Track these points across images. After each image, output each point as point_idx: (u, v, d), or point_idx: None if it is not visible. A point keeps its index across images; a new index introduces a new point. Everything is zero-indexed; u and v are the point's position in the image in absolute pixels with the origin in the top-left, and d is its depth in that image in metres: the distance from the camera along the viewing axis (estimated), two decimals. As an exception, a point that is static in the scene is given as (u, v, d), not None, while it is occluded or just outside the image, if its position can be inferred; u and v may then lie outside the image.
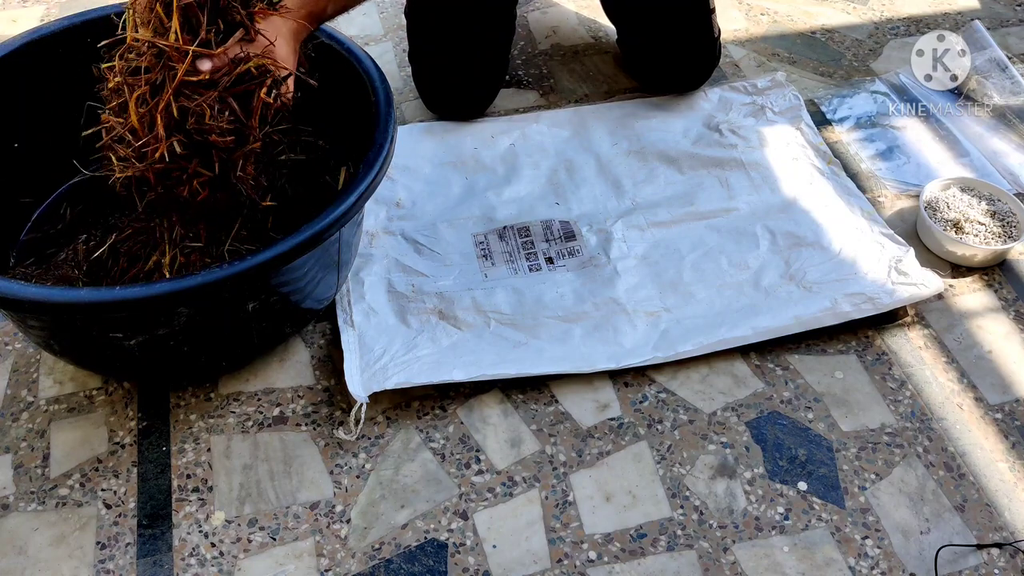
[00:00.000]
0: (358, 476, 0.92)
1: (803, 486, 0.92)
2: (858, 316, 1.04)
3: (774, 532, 0.88)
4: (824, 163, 1.25)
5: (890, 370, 1.02)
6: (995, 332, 1.06)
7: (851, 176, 1.24)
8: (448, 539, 0.87)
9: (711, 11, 1.28)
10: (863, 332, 1.06)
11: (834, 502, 0.91)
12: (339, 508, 0.90)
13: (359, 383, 0.96)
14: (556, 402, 0.99)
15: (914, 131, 1.32)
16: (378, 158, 0.89)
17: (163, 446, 0.94)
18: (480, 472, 0.93)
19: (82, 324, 0.84)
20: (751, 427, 0.97)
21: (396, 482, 0.92)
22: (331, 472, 0.92)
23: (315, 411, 0.98)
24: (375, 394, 0.96)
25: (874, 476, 0.93)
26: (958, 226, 1.13)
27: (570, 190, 1.21)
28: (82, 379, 1.00)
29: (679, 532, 0.88)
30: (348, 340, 1.01)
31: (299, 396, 0.99)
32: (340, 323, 1.03)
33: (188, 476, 0.92)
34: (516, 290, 1.07)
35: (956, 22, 1.54)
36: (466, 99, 1.31)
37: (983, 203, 1.16)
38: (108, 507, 0.90)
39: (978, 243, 1.12)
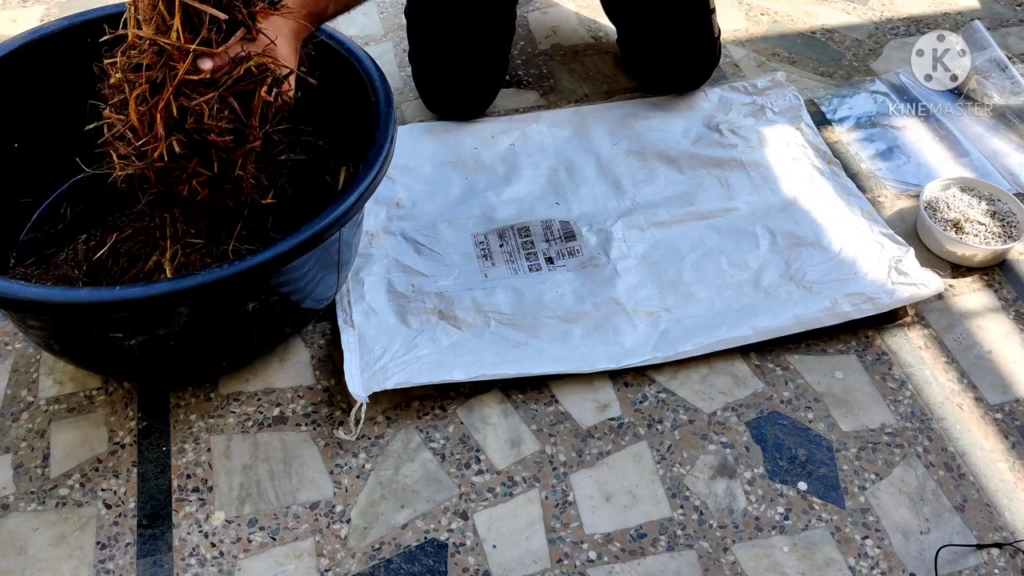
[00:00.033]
0: (358, 476, 0.92)
1: (803, 486, 0.92)
2: (858, 316, 1.04)
3: (774, 532, 0.88)
4: (824, 163, 1.25)
5: (890, 370, 1.02)
6: (995, 332, 1.06)
7: (851, 176, 1.24)
8: (448, 539, 0.87)
9: (711, 11, 1.28)
10: (863, 332, 1.06)
11: (834, 502, 0.91)
12: (339, 508, 0.90)
13: (359, 383, 0.96)
14: (556, 402, 0.99)
15: (914, 131, 1.32)
16: (378, 158, 0.89)
17: (163, 446, 0.94)
18: (480, 472, 0.93)
19: (82, 324, 0.84)
20: (751, 427, 0.97)
21: (396, 482, 0.92)
22: (331, 472, 0.92)
23: (315, 411, 0.98)
24: (375, 394, 0.96)
25: (874, 476, 0.93)
26: (958, 226, 1.13)
27: (570, 190, 1.21)
28: (82, 379, 1.00)
29: (679, 532, 0.88)
30: (348, 340, 1.01)
31: (299, 396, 0.99)
32: (340, 323, 1.03)
33: (188, 476, 0.92)
34: (516, 290, 1.07)
35: (956, 22, 1.54)
36: (466, 99, 1.31)
37: (983, 203, 1.16)
38: (108, 507, 0.90)
39: (978, 243, 1.12)
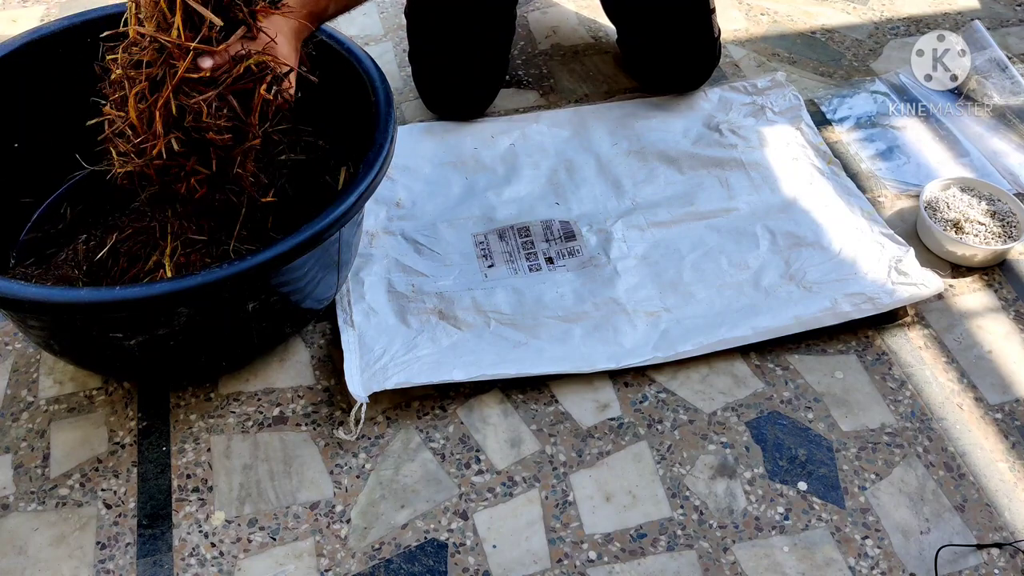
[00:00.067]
0: (358, 476, 0.92)
1: (803, 486, 0.92)
2: (858, 316, 1.04)
3: (774, 532, 0.88)
4: (824, 163, 1.25)
5: (890, 370, 1.02)
6: (995, 332, 1.06)
7: (851, 176, 1.24)
8: (448, 539, 0.87)
9: (711, 11, 1.28)
10: (863, 332, 1.06)
11: (834, 502, 0.91)
12: (339, 508, 0.90)
13: (359, 383, 0.96)
14: (556, 402, 0.99)
15: (914, 131, 1.32)
16: (378, 158, 0.89)
17: (163, 446, 0.94)
18: (480, 472, 0.93)
19: (82, 324, 0.84)
20: (751, 427, 0.97)
21: (396, 482, 0.92)
22: (331, 472, 0.92)
23: (315, 411, 0.98)
24: (375, 394, 0.96)
25: (874, 476, 0.93)
26: (958, 226, 1.13)
27: (570, 190, 1.21)
28: (82, 379, 1.00)
29: (679, 532, 0.88)
30: (348, 340, 1.01)
31: (299, 396, 0.99)
32: (340, 323, 1.03)
33: (188, 476, 0.92)
34: (516, 290, 1.07)
35: (956, 22, 1.54)
36: (466, 99, 1.31)
37: (983, 203, 1.16)
38: (108, 507, 0.90)
39: (978, 243, 1.12)
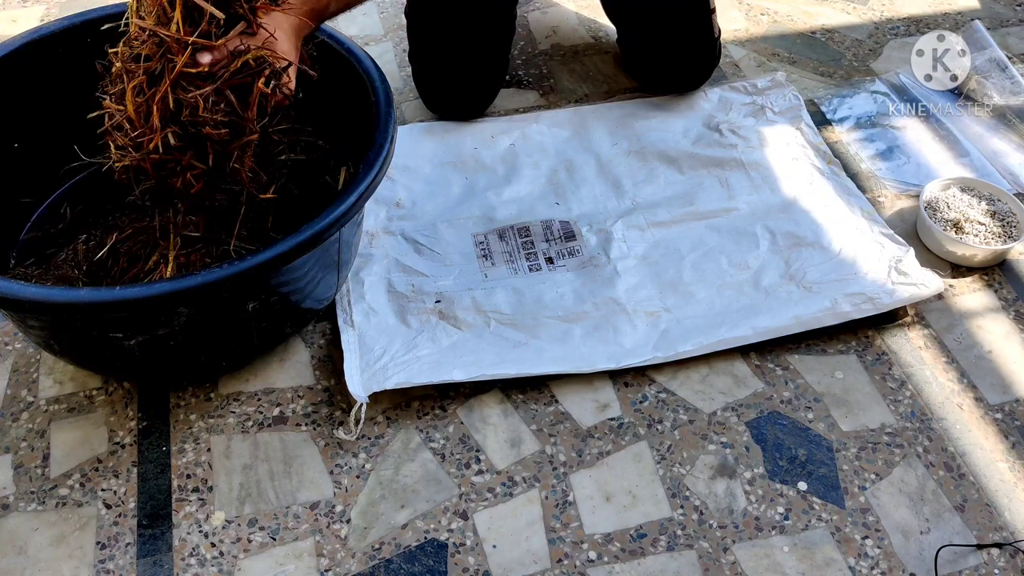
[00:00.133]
0: (358, 476, 0.92)
1: (803, 486, 0.92)
2: (858, 316, 1.04)
3: (774, 532, 0.88)
4: (824, 163, 1.25)
5: (890, 370, 1.02)
6: (995, 332, 1.06)
7: (851, 176, 1.24)
8: (448, 539, 0.87)
9: (711, 11, 1.28)
10: (863, 332, 1.06)
11: (834, 502, 0.91)
12: (339, 508, 0.90)
13: (359, 383, 0.96)
14: (556, 402, 0.99)
15: (914, 131, 1.32)
16: (378, 158, 0.89)
17: (163, 446, 0.94)
18: (480, 472, 0.93)
19: (82, 324, 0.84)
20: (751, 427, 0.97)
21: (396, 482, 0.92)
22: (331, 472, 0.92)
23: (315, 411, 0.98)
24: (375, 394, 0.96)
25: (874, 476, 0.93)
26: (958, 226, 1.13)
27: (570, 190, 1.21)
28: (82, 379, 1.00)
29: (679, 532, 0.88)
30: (348, 340, 1.01)
31: (299, 396, 0.99)
32: (340, 323, 1.03)
33: (188, 476, 0.92)
34: (516, 290, 1.07)
35: (956, 22, 1.54)
36: (466, 99, 1.31)
37: (983, 203, 1.16)
38: (108, 507, 0.90)
39: (978, 243, 1.12)
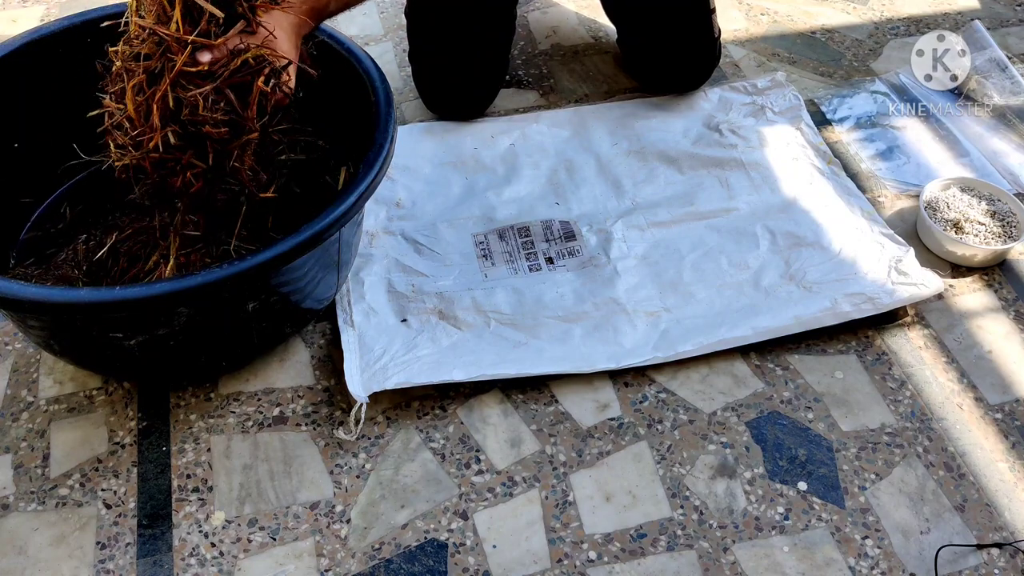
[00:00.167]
0: (358, 476, 0.92)
1: (803, 486, 0.92)
2: (858, 316, 1.04)
3: (774, 532, 0.88)
4: (824, 163, 1.25)
5: (890, 370, 1.02)
6: (995, 332, 1.06)
7: (851, 176, 1.24)
8: (448, 539, 0.87)
9: (711, 11, 1.28)
10: (863, 332, 1.06)
11: (834, 502, 0.91)
12: (339, 508, 0.90)
13: (359, 383, 0.96)
14: (556, 402, 0.99)
15: (914, 131, 1.32)
16: (378, 158, 0.89)
17: (163, 446, 0.94)
18: (480, 472, 0.93)
19: (82, 324, 0.84)
20: (751, 427, 0.97)
21: (396, 482, 0.92)
22: (331, 472, 0.92)
23: (315, 411, 0.98)
24: (375, 394, 0.96)
25: (874, 476, 0.93)
26: (958, 226, 1.13)
27: (570, 190, 1.21)
28: (82, 379, 1.00)
29: (679, 532, 0.88)
30: (348, 340, 1.01)
31: (299, 396, 0.99)
32: (340, 323, 1.03)
33: (188, 476, 0.92)
34: (516, 290, 1.07)
35: (956, 22, 1.54)
36: (466, 99, 1.31)
37: (983, 203, 1.16)
38: (108, 507, 0.90)
39: (978, 243, 1.12)
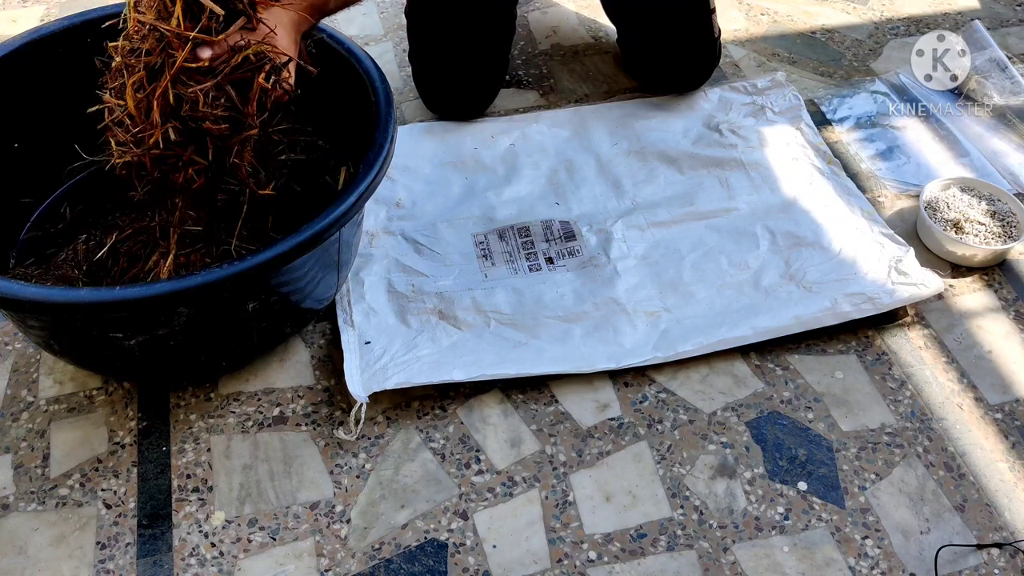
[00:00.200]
0: (358, 476, 0.92)
1: (803, 486, 0.92)
2: (858, 316, 1.04)
3: (774, 532, 0.88)
4: (824, 163, 1.25)
5: (890, 370, 1.02)
6: (995, 332, 1.06)
7: (851, 176, 1.24)
8: (448, 539, 0.87)
9: (711, 11, 1.28)
10: (863, 332, 1.06)
11: (834, 502, 0.91)
12: (339, 508, 0.90)
13: (359, 383, 0.96)
14: (556, 402, 0.99)
15: (914, 131, 1.32)
16: (378, 158, 0.89)
17: (163, 446, 0.94)
18: (480, 472, 0.93)
19: (82, 324, 0.84)
20: (751, 427, 0.97)
21: (396, 482, 0.92)
22: (331, 472, 0.92)
23: (315, 411, 0.98)
24: (375, 394, 0.96)
25: (874, 476, 0.93)
26: (958, 226, 1.13)
27: (570, 190, 1.21)
28: (82, 379, 1.00)
29: (679, 532, 0.88)
30: (348, 340, 1.01)
31: (299, 396, 0.99)
32: (340, 323, 1.03)
33: (188, 476, 0.92)
34: (516, 290, 1.07)
35: (956, 22, 1.54)
36: (466, 99, 1.31)
37: (983, 203, 1.16)
38: (108, 507, 0.90)
39: (978, 243, 1.12)
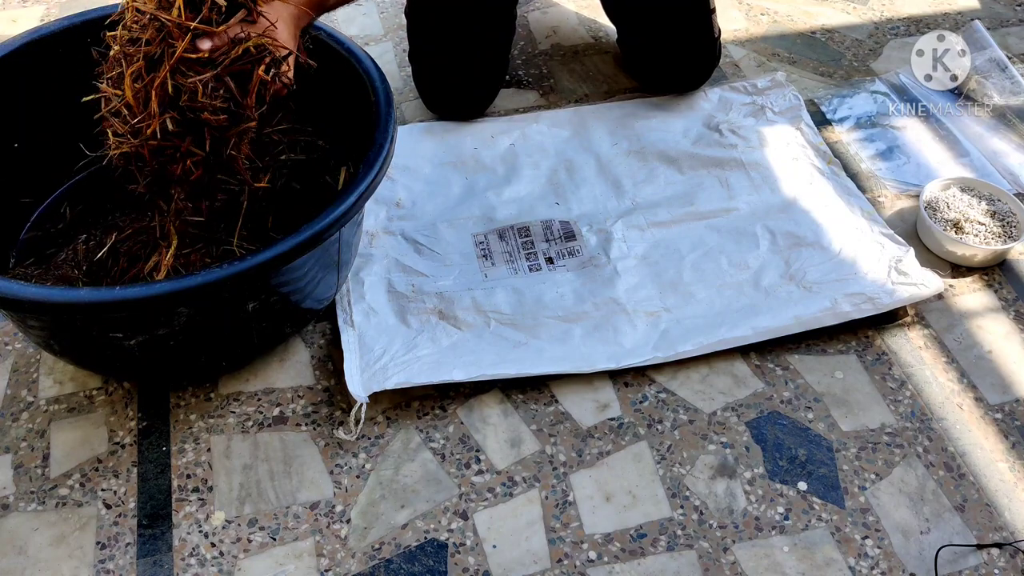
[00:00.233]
0: (358, 476, 0.92)
1: (803, 486, 0.92)
2: (858, 316, 1.04)
3: (774, 532, 0.88)
4: (824, 163, 1.25)
5: (890, 370, 1.02)
6: (995, 332, 1.06)
7: (851, 176, 1.24)
8: (448, 539, 0.87)
9: (711, 11, 1.28)
10: (863, 332, 1.06)
11: (834, 502, 0.91)
12: (339, 508, 0.90)
13: (359, 383, 0.96)
14: (556, 402, 0.99)
15: (914, 131, 1.32)
16: (378, 158, 0.89)
17: (163, 446, 0.94)
18: (480, 472, 0.93)
19: (82, 324, 0.84)
20: (751, 427, 0.97)
21: (396, 482, 0.92)
22: (331, 472, 0.92)
23: (315, 411, 0.98)
24: (375, 394, 0.96)
25: (874, 476, 0.93)
26: (958, 226, 1.13)
27: (570, 190, 1.21)
28: (82, 379, 1.00)
29: (679, 532, 0.88)
30: (348, 340, 1.01)
31: (299, 396, 0.99)
32: (340, 323, 1.03)
33: (188, 476, 0.92)
34: (516, 290, 1.07)
35: (956, 22, 1.54)
36: (466, 99, 1.31)
37: (983, 203, 1.16)
38: (108, 507, 0.90)
39: (978, 243, 1.12)
